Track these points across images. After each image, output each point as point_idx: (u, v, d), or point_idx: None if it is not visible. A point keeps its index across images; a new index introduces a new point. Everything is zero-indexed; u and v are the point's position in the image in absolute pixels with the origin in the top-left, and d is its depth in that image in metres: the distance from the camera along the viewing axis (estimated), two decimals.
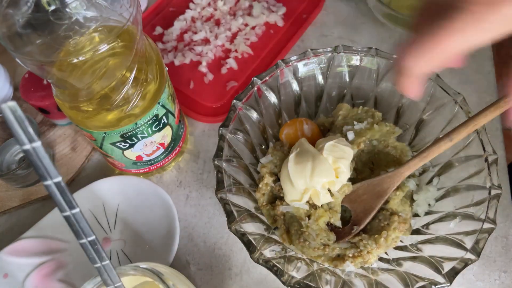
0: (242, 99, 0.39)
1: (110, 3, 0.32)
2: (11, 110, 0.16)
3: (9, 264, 0.40)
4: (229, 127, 0.37)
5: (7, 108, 0.16)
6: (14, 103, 0.16)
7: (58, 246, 0.42)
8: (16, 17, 0.30)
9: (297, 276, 0.31)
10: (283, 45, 0.56)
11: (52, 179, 0.19)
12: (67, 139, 0.51)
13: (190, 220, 0.45)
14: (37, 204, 0.47)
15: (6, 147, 0.49)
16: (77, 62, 0.31)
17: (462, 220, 0.33)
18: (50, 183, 0.19)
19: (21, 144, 0.17)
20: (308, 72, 0.41)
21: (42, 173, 0.18)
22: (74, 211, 0.20)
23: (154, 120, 0.39)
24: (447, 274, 0.30)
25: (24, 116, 0.17)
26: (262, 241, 0.33)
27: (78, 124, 0.38)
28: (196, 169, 0.48)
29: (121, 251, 0.42)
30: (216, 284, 0.41)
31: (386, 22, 0.57)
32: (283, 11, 0.59)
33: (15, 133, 0.17)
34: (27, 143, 0.17)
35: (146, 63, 0.36)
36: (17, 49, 0.30)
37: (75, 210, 0.20)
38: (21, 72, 0.57)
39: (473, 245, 0.30)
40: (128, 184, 0.45)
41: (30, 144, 0.17)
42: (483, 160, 0.34)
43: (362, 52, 0.40)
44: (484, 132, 0.35)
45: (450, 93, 0.37)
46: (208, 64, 0.55)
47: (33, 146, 0.17)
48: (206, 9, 0.60)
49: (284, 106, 0.43)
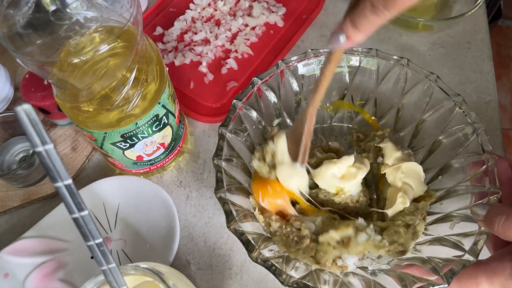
0: (242, 99, 0.39)
1: (110, 3, 0.32)
2: (26, 113, 0.16)
3: (10, 264, 0.41)
4: (229, 127, 0.37)
5: (22, 110, 0.16)
6: (29, 106, 0.17)
7: (58, 246, 0.42)
8: (17, 18, 0.30)
9: (295, 276, 0.31)
10: (283, 46, 0.56)
11: (63, 181, 0.19)
12: (67, 139, 0.51)
13: (190, 220, 0.45)
14: (37, 204, 0.48)
15: (6, 147, 0.49)
16: (78, 62, 0.31)
17: (460, 221, 0.33)
18: (60, 185, 0.19)
19: (34, 146, 0.17)
20: (308, 72, 0.42)
21: (54, 175, 0.19)
22: (83, 213, 0.21)
23: (154, 120, 0.39)
24: (445, 275, 0.30)
25: (38, 118, 0.17)
26: (260, 241, 0.33)
27: (79, 124, 0.38)
28: (196, 169, 0.49)
29: (121, 251, 0.42)
30: (216, 283, 0.42)
31: None
32: (283, 12, 0.59)
33: (29, 135, 0.17)
34: (40, 145, 0.17)
35: (146, 63, 0.36)
36: (17, 49, 0.30)
37: (84, 213, 0.21)
38: (21, 72, 0.57)
39: (472, 246, 0.30)
40: (129, 184, 0.45)
41: (43, 146, 0.17)
42: (482, 161, 0.34)
43: (363, 53, 0.40)
44: (483, 133, 0.35)
45: (449, 94, 0.37)
46: (208, 64, 0.55)
47: (45, 148, 0.18)
48: (206, 9, 0.60)
49: (285, 106, 0.43)
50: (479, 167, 0.34)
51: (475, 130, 0.35)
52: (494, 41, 1.40)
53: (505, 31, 1.47)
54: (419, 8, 0.59)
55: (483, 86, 0.52)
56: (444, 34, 0.57)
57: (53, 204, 0.45)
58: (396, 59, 0.40)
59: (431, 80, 0.38)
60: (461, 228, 0.33)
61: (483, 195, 0.32)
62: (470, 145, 0.35)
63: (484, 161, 0.34)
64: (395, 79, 0.40)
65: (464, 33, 0.57)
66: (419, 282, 0.30)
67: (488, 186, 0.32)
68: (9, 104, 0.54)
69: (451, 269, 0.30)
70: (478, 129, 0.35)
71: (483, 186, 0.33)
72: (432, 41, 0.56)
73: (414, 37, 0.57)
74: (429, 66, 0.54)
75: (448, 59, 0.55)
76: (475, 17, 0.58)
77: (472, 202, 0.33)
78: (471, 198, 0.33)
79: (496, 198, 0.32)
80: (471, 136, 0.35)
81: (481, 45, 0.56)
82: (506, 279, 0.27)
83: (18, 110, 0.16)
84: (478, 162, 0.34)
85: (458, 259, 0.30)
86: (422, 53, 0.55)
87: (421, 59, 0.55)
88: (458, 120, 0.37)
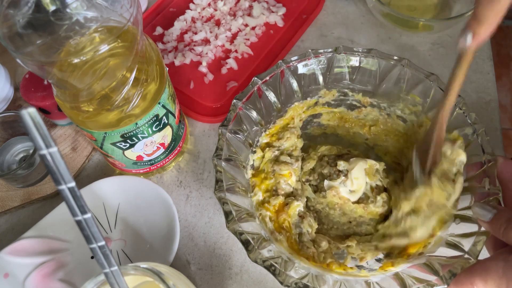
0: (242, 99, 0.39)
1: (110, 3, 0.32)
2: (31, 116, 0.17)
3: (10, 264, 0.41)
4: (228, 126, 0.38)
5: (27, 114, 0.17)
6: (34, 109, 0.17)
7: (58, 246, 0.42)
8: (17, 18, 0.30)
9: (294, 276, 0.31)
10: (283, 46, 0.56)
11: (67, 184, 0.19)
12: (67, 139, 0.51)
13: (190, 220, 0.45)
14: (37, 204, 0.48)
15: (6, 147, 0.49)
16: (78, 62, 0.31)
17: (460, 222, 0.33)
18: (64, 188, 0.19)
19: (39, 149, 0.18)
20: (308, 72, 0.42)
21: (57, 177, 0.19)
22: (86, 216, 0.21)
23: (154, 120, 0.39)
24: (444, 276, 0.30)
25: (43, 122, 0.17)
26: (260, 241, 0.33)
27: (79, 124, 0.38)
28: (196, 169, 0.49)
29: (121, 251, 0.42)
30: (216, 283, 0.42)
31: (385, 22, 0.57)
32: (283, 12, 0.59)
33: (33, 138, 0.17)
34: (44, 148, 0.18)
35: (146, 63, 0.36)
36: (17, 49, 0.30)
37: (87, 215, 0.21)
38: (21, 72, 0.57)
39: (471, 247, 0.30)
40: (129, 184, 0.45)
41: (47, 149, 0.18)
42: (482, 162, 0.34)
43: (363, 53, 0.40)
44: (483, 133, 0.35)
45: None
46: (208, 64, 0.55)
47: (49, 151, 0.18)
48: (206, 9, 0.60)
49: (284, 106, 0.43)
50: (479, 168, 0.34)
51: (475, 131, 0.35)
52: (494, 41, 1.40)
53: (505, 31, 1.47)
54: (419, 8, 0.59)
55: (483, 86, 0.52)
56: (444, 34, 0.57)
57: (53, 204, 0.45)
58: (396, 60, 0.40)
59: (431, 80, 0.38)
60: (460, 228, 0.33)
61: (483, 196, 0.32)
62: (470, 146, 0.35)
63: (483, 162, 0.34)
64: (395, 80, 0.40)
65: None
66: (419, 283, 0.30)
67: (488, 187, 0.32)
68: (9, 104, 0.54)
69: (451, 270, 0.30)
70: (478, 130, 0.35)
71: (483, 187, 0.33)
72: (432, 41, 0.56)
73: (414, 37, 0.57)
74: (429, 66, 0.54)
75: (448, 59, 0.55)
76: None
77: (471, 203, 0.33)
78: (471, 199, 0.33)
79: (496, 199, 0.32)
80: (471, 137, 0.35)
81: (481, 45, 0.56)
82: (500, 278, 0.27)
83: (23, 113, 0.16)
84: (478, 162, 0.34)
85: (458, 260, 0.30)
86: (422, 53, 0.55)
87: (421, 59, 0.55)
88: (458, 120, 0.37)
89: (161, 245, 0.42)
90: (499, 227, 0.28)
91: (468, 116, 0.36)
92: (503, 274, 0.27)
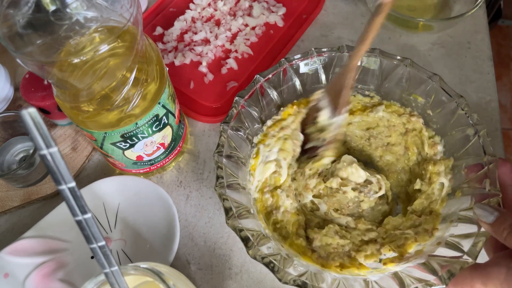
0: (244, 96, 0.39)
1: (110, 3, 0.32)
2: (31, 116, 0.17)
3: (10, 264, 0.41)
4: (230, 123, 0.38)
5: (27, 114, 0.17)
6: (34, 109, 0.17)
7: (58, 246, 0.42)
8: (17, 18, 0.30)
9: (293, 273, 0.31)
10: (283, 46, 0.56)
11: (67, 184, 0.19)
12: (67, 139, 0.51)
13: (190, 220, 0.45)
14: (37, 204, 0.48)
15: (6, 147, 0.49)
16: (78, 62, 0.31)
17: (460, 222, 0.33)
18: (64, 188, 0.19)
19: (39, 149, 0.18)
20: (311, 71, 0.42)
21: (57, 178, 0.19)
22: (86, 216, 0.21)
23: (154, 120, 0.39)
24: (443, 276, 0.30)
25: (43, 122, 0.17)
26: (259, 237, 0.33)
27: (79, 124, 0.38)
28: (196, 169, 0.49)
29: (121, 250, 0.42)
30: (216, 283, 0.42)
31: (385, 22, 0.57)
32: (283, 11, 0.59)
33: (33, 138, 0.17)
34: (45, 148, 0.18)
35: (146, 63, 0.36)
36: (17, 49, 0.30)
37: (87, 215, 0.21)
38: (21, 72, 0.57)
39: (470, 248, 0.30)
40: (129, 184, 0.45)
41: (48, 149, 0.18)
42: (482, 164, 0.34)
43: (366, 53, 0.40)
44: (485, 134, 0.35)
45: (452, 95, 0.37)
46: (208, 64, 0.55)
47: (50, 151, 0.18)
48: (206, 9, 0.60)
49: (287, 104, 0.43)
50: (479, 169, 0.34)
51: (477, 132, 0.35)
52: (494, 41, 1.40)
53: (505, 31, 1.47)
54: (419, 8, 0.59)
55: (483, 86, 0.52)
56: (444, 34, 0.57)
57: (53, 204, 0.45)
58: (399, 59, 0.40)
59: (434, 81, 0.38)
60: (460, 229, 0.33)
61: (483, 197, 0.32)
62: (471, 147, 0.35)
63: (484, 163, 0.34)
64: (397, 79, 0.40)
65: (464, 33, 0.57)
66: (417, 282, 0.30)
67: (489, 188, 0.32)
68: (9, 104, 0.54)
69: (449, 270, 0.30)
70: (480, 131, 0.35)
71: (484, 188, 0.33)
72: (432, 41, 0.56)
73: (414, 37, 0.57)
74: (429, 66, 0.54)
75: (448, 59, 0.55)
76: (475, 17, 0.58)
77: (471, 204, 0.33)
78: (471, 200, 0.33)
79: (497, 200, 0.32)
80: (473, 138, 0.35)
81: (481, 45, 0.56)
82: (501, 284, 0.27)
83: (23, 113, 0.16)
84: (478, 164, 0.34)
85: (457, 260, 0.30)
86: (422, 53, 0.55)
87: (421, 59, 0.55)
88: (460, 121, 0.37)
89: (161, 245, 0.42)
90: (502, 231, 0.28)
91: (470, 117, 0.36)
92: (504, 281, 0.27)
